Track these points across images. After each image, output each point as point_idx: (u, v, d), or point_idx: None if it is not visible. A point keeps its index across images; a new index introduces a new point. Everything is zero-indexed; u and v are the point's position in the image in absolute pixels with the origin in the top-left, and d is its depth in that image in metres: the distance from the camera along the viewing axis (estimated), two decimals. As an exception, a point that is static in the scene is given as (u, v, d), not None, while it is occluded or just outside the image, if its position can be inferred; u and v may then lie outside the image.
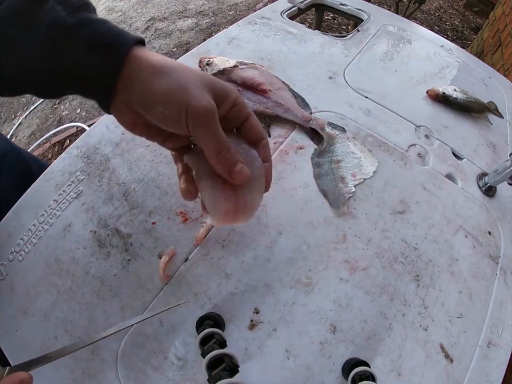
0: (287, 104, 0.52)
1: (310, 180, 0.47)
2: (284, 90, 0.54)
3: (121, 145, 0.50)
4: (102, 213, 0.44)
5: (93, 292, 0.39)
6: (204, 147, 0.28)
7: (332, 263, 0.41)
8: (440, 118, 0.59)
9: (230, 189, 0.29)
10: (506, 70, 1.43)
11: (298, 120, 0.52)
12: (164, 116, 0.27)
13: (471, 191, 0.51)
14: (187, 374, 0.35)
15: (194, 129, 0.27)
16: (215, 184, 0.29)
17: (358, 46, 0.68)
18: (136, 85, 0.27)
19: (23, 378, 0.26)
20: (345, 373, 0.35)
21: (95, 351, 0.36)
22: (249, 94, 0.53)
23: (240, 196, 0.29)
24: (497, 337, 0.40)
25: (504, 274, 0.45)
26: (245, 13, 2.43)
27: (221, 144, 0.27)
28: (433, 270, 0.42)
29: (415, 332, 0.38)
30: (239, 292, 0.39)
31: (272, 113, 0.52)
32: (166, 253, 0.40)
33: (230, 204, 0.29)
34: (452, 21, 2.59)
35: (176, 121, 0.27)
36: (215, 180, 0.29)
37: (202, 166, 0.29)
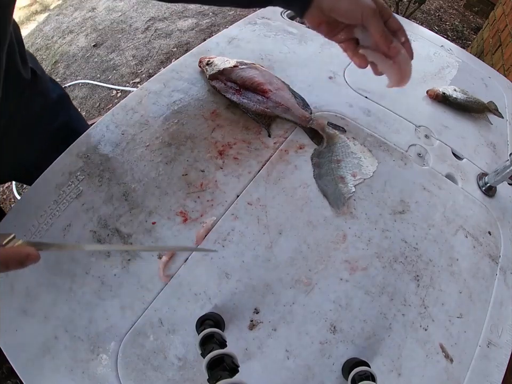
0: (287, 104, 0.52)
1: (310, 179, 0.47)
2: (283, 90, 0.54)
3: (121, 145, 0.50)
4: (102, 213, 0.44)
5: (93, 292, 0.39)
6: (373, 31, 0.40)
7: (332, 263, 0.41)
8: (440, 118, 0.59)
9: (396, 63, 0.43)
10: (506, 70, 1.43)
11: (298, 120, 0.52)
12: (346, 11, 0.40)
13: (471, 191, 0.51)
14: (187, 374, 0.35)
15: (368, 19, 0.39)
16: (387, 63, 0.43)
17: (358, 46, 0.68)
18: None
19: (30, 253, 0.26)
20: (345, 373, 0.35)
21: (95, 351, 0.36)
22: (249, 94, 0.53)
23: (406, 67, 0.44)
24: (497, 337, 0.40)
25: (504, 274, 0.45)
26: (245, 13, 2.43)
27: (382, 28, 0.40)
28: (433, 270, 0.42)
29: (415, 331, 0.38)
30: (239, 292, 0.39)
31: (272, 113, 0.52)
32: (166, 253, 0.40)
33: (408, 71, 0.44)
34: (452, 21, 2.59)
35: (356, 14, 0.40)
36: (386, 60, 0.43)
37: (375, 53, 0.43)
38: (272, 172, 0.47)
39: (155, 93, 0.56)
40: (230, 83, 0.55)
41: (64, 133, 0.52)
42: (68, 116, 0.61)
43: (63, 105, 0.60)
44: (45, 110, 0.54)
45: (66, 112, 0.61)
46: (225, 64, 0.56)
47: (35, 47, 2.53)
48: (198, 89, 0.56)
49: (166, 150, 0.49)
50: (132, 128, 0.52)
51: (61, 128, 0.58)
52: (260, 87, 0.53)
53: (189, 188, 0.45)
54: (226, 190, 0.45)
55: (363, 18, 0.40)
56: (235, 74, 0.54)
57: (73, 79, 2.20)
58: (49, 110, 0.56)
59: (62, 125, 0.58)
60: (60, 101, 0.59)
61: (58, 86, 0.60)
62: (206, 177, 0.46)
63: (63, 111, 0.59)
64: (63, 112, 0.60)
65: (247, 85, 0.54)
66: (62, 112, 0.59)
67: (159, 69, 2.02)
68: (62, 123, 0.58)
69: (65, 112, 0.60)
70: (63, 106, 0.60)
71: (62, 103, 0.60)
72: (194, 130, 0.51)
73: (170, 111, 0.53)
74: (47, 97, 0.55)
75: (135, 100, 0.55)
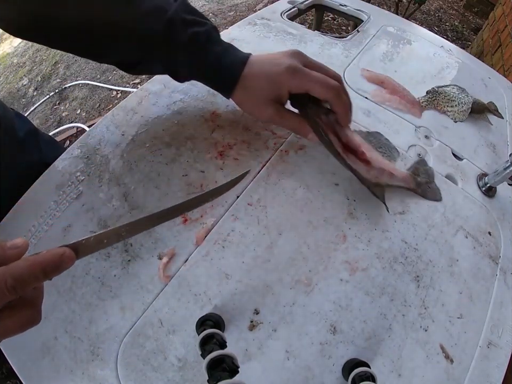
0: (388, 169, 0.45)
1: (310, 180, 0.47)
2: (371, 151, 0.47)
3: (121, 145, 0.50)
4: (102, 214, 0.44)
5: (93, 293, 0.39)
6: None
7: (332, 264, 0.41)
8: (440, 118, 0.59)
9: None
10: (506, 71, 1.43)
11: (405, 185, 0.46)
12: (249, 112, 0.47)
13: (471, 191, 0.51)
14: (187, 375, 0.35)
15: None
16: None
17: (357, 46, 0.68)
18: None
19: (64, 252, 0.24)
20: (345, 373, 0.35)
21: (95, 352, 0.36)
22: (353, 158, 0.44)
23: None
24: (498, 337, 0.40)
25: (504, 274, 0.45)
26: (245, 14, 2.44)
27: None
28: (433, 270, 0.42)
29: (415, 332, 0.38)
30: (239, 293, 0.39)
31: (383, 182, 0.45)
32: (166, 253, 0.40)
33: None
34: (452, 22, 2.59)
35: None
36: None
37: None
38: (272, 172, 0.47)
39: (155, 93, 0.56)
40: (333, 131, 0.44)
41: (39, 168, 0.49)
42: (39, 151, 0.58)
43: (32, 142, 0.57)
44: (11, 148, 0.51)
45: (37, 149, 0.57)
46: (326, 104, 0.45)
47: (35, 48, 2.53)
48: (198, 90, 0.56)
49: (166, 150, 0.49)
50: (132, 128, 0.52)
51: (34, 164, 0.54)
52: (363, 156, 0.44)
53: (189, 188, 0.46)
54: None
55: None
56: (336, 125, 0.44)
57: (73, 79, 2.21)
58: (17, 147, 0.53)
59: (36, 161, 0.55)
60: (28, 137, 0.56)
61: (26, 121, 0.57)
62: (206, 177, 0.46)
63: (34, 148, 0.56)
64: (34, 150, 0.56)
65: (349, 148, 0.44)
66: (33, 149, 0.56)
67: (159, 70, 2.02)
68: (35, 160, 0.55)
69: (36, 149, 0.57)
70: (33, 143, 0.57)
71: (31, 140, 0.57)
72: (194, 131, 0.51)
73: (170, 111, 0.53)
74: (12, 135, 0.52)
75: (135, 101, 0.55)
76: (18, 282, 0.22)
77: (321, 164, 0.49)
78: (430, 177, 0.48)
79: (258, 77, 0.41)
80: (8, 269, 0.22)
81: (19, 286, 0.22)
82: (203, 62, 0.42)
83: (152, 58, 0.43)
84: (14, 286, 0.21)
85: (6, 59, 2.60)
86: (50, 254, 0.23)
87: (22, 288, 0.22)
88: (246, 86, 0.42)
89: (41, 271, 0.23)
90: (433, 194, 0.46)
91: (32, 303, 0.25)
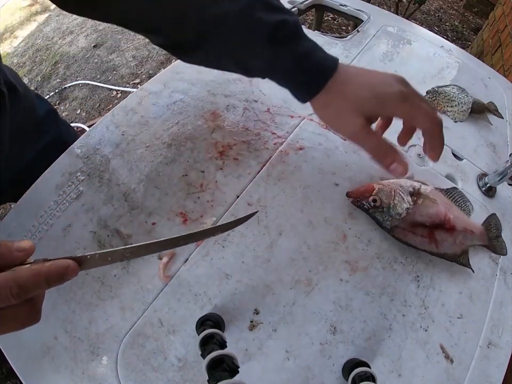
0: (470, 227, 0.43)
1: (310, 180, 0.47)
2: (452, 206, 0.45)
3: (121, 145, 0.50)
4: (102, 214, 0.44)
5: (93, 293, 0.39)
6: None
7: (332, 264, 0.41)
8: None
9: None
10: (506, 71, 1.43)
11: (479, 242, 0.44)
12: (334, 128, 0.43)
13: (471, 191, 0.51)
14: (187, 375, 0.35)
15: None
16: None
17: (358, 46, 0.68)
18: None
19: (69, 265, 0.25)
20: (345, 373, 0.35)
21: (95, 352, 0.36)
22: (442, 233, 0.42)
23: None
24: (498, 337, 0.40)
25: (504, 274, 0.45)
26: (245, 14, 2.43)
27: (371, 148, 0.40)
28: (433, 270, 0.42)
29: (415, 332, 0.38)
30: (239, 293, 0.39)
31: (467, 246, 0.43)
32: (166, 253, 0.40)
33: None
34: (452, 22, 2.59)
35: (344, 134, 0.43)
36: None
37: None
38: (272, 172, 0.47)
39: (155, 93, 0.56)
40: (417, 229, 0.42)
41: (56, 147, 0.51)
42: (59, 130, 0.60)
43: (51, 121, 0.59)
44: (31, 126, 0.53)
45: (56, 127, 0.60)
46: (401, 204, 0.41)
47: (35, 48, 2.53)
48: (198, 90, 0.56)
49: (166, 150, 0.49)
50: (132, 128, 0.52)
51: (52, 143, 0.57)
52: (449, 224, 0.42)
53: (189, 188, 0.46)
54: (226, 190, 0.45)
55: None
56: (419, 215, 0.42)
57: (73, 79, 2.21)
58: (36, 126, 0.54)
59: (54, 140, 0.57)
60: (47, 116, 0.57)
61: (45, 101, 0.59)
62: (206, 177, 0.46)
63: (53, 126, 0.59)
64: (53, 128, 0.59)
65: (436, 224, 0.42)
66: (52, 127, 0.58)
67: (159, 70, 2.03)
68: (53, 139, 0.57)
69: (55, 127, 0.59)
70: (52, 121, 0.59)
71: (51, 119, 0.59)
72: (194, 131, 0.51)
73: (170, 111, 0.53)
74: (33, 113, 0.54)
75: (135, 101, 0.55)
76: (22, 290, 0.23)
77: (321, 164, 0.49)
78: (499, 231, 0.46)
79: (358, 86, 0.37)
80: (14, 276, 0.23)
81: (23, 293, 0.23)
82: (290, 54, 0.36)
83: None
84: (19, 293, 0.23)
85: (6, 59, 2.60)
86: (56, 265, 0.25)
87: (26, 295, 0.23)
88: (336, 91, 0.38)
89: (45, 280, 0.24)
90: (500, 248, 0.45)
91: (33, 303, 0.26)
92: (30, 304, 0.25)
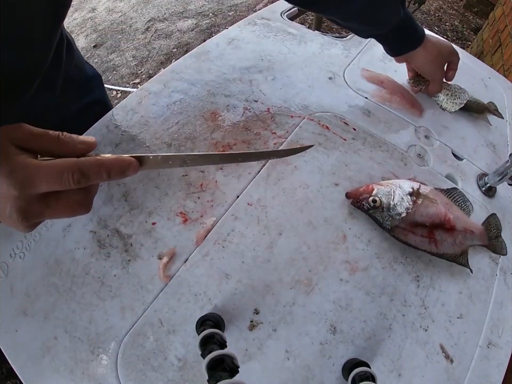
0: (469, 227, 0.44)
1: (309, 180, 0.47)
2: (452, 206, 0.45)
3: (121, 146, 0.50)
4: (102, 214, 0.44)
5: (93, 293, 0.39)
6: (430, 88, 0.61)
7: (332, 264, 0.41)
8: (440, 118, 0.59)
9: None
10: (506, 71, 1.43)
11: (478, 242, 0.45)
12: (424, 72, 0.60)
13: (471, 191, 0.51)
14: (187, 375, 0.35)
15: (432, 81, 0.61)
16: None
17: (357, 46, 0.68)
18: None
19: (132, 161, 0.26)
20: (345, 373, 0.35)
21: (95, 352, 0.36)
22: (442, 233, 0.42)
23: None
24: (497, 337, 0.40)
25: (504, 274, 0.45)
26: (245, 14, 2.44)
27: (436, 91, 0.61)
28: (433, 270, 0.42)
29: (415, 332, 0.38)
30: (239, 293, 0.39)
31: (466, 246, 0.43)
32: (166, 253, 0.40)
33: None
34: (452, 22, 2.59)
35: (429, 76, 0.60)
36: None
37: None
38: (272, 172, 0.47)
39: (155, 93, 0.56)
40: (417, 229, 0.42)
41: (100, 108, 0.54)
42: (103, 92, 0.64)
43: (97, 83, 0.62)
44: (80, 82, 0.56)
45: (102, 88, 0.63)
46: (401, 204, 0.42)
47: (35, 48, 2.51)
48: (198, 89, 0.56)
49: (166, 150, 0.49)
50: (132, 128, 0.52)
51: (96, 102, 0.60)
52: (449, 224, 0.42)
53: (189, 188, 0.46)
54: (226, 190, 0.45)
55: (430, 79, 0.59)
56: (419, 215, 0.42)
57: (73, 79, 2.20)
58: (84, 83, 0.57)
59: (98, 100, 0.60)
60: (94, 77, 0.61)
61: (92, 67, 0.62)
62: (206, 177, 0.46)
63: (99, 87, 0.62)
64: (99, 88, 0.62)
65: (436, 224, 0.42)
66: (98, 88, 0.62)
67: (159, 70, 2.03)
68: (98, 98, 0.60)
69: (101, 88, 0.63)
70: (98, 84, 0.62)
71: (97, 81, 0.62)
72: (194, 131, 0.51)
73: (170, 111, 0.53)
74: (82, 71, 0.57)
75: (135, 101, 0.55)
76: (84, 176, 0.24)
77: (321, 164, 0.49)
78: (499, 231, 0.46)
79: (439, 45, 0.56)
80: (78, 162, 0.24)
81: (83, 180, 0.24)
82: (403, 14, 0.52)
83: None
84: (79, 180, 0.24)
85: (6, 59, 2.60)
86: (119, 159, 0.26)
87: (86, 183, 0.24)
88: (428, 47, 0.55)
89: (106, 172, 0.25)
90: (500, 248, 0.45)
91: (88, 192, 0.26)
92: (84, 193, 0.26)
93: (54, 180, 0.23)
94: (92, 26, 2.52)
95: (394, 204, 0.42)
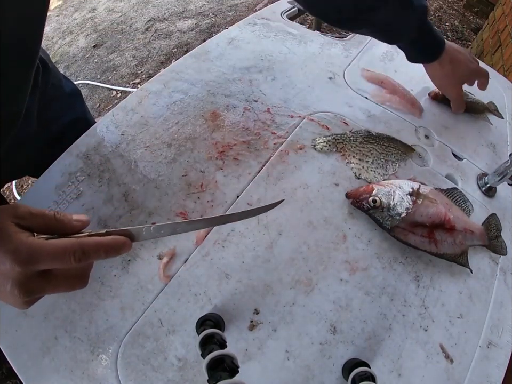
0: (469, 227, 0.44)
1: (310, 180, 0.47)
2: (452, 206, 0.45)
3: (121, 146, 0.50)
4: (102, 214, 0.44)
5: (93, 293, 0.39)
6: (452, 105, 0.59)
7: (332, 264, 0.41)
8: (440, 118, 0.59)
9: None
10: (506, 71, 1.43)
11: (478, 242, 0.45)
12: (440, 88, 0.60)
13: (471, 191, 0.51)
14: (187, 375, 0.35)
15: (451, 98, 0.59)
16: None
17: (357, 46, 0.68)
18: None
19: (125, 242, 0.28)
20: (345, 373, 0.35)
21: (95, 352, 0.36)
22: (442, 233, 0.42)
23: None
24: (497, 337, 0.40)
25: (504, 274, 0.45)
26: (245, 14, 2.43)
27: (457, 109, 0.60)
28: (433, 270, 0.42)
29: (415, 332, 0.38)
30: (239, 293, 0.39)
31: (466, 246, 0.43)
32: (166, 253, 0.40)
33: None
34: (452, 22, 2.59)
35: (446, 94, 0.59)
36: None
37: None
38: (272, 172, 0.47)
39: (155, 93, 0.56)
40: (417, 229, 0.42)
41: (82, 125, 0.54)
42: (84, 108, 0.63)
43: (77, 99, 0.61)
44: (57, 102, 0.55)
45: (82, 105, 0.63)
46: (401, 204, 0.42)
47: (35, 48, 2.52)
48: (198, 90, 0.56)
49: (166, 150, 0.49)
50: (132, 128, 0.52)
51: (77, 120, 0.59)
52: (449, 224, 0.42)
53: (189, 188, 0.46)
54: (226, 190, 0.45)
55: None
56: (419, 215, 0.42)
57: (73, 79, 2.20)
58: (62, 103, 0.57)
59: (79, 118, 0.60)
60: (73, 94, 0.60)
61: (70, 81, 0.61)
62: (206, 178, 0.46)
63: (78, 104, 0.61)
64: (80, 105, 0.61)
65: (436, 224, 0.42)
66: (78, 104, 0.61)
67: (159, 70, 2.03)
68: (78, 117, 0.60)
69: (81, 105, 0.62)
70: (77, 100, 0.61)
71: (76, 97, 0.61)
72: (194, 131, 0.51)
73: (170, 111, 0.53)
74: (60, 89, 0.56)
75: (135, 101, 0.55)
76: (84, 255, 0.26)
77: (321, 164, 0.49)
78: (499, 231, 0.46)
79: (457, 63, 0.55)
80: (79, 242, 0.26)
81: (84, 258, 0.26)
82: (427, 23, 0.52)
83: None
84: (81, 258, 0.25)
85: (6, 59, 2.60)
86: (114, 240, 0.27)
87: (86, 261, 0.26)
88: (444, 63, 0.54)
89: (104, 251, 0.27)
90: (500, 248, 0.45)
91: (84, 269, 0.29)
92: (82, 269, 0.28)
93: (56, 258, 0.25)
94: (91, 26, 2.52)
95: (394, 204, 0.42)
